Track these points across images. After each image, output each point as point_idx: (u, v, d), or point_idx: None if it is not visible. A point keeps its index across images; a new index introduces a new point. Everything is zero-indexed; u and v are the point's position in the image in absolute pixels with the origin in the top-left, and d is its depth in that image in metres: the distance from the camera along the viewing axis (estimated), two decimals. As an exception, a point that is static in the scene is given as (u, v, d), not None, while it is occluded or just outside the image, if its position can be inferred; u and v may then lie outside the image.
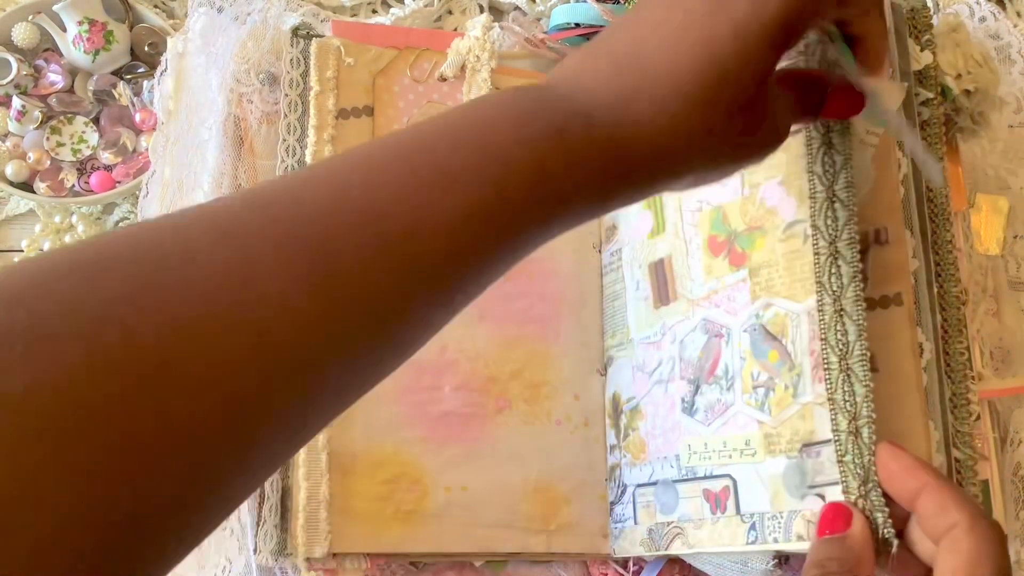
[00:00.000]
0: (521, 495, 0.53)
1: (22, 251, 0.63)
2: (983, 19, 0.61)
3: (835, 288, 0.40)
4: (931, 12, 0.49)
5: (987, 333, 0.54)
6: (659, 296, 0.52)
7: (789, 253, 0.44)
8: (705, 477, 0.46)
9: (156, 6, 0.68)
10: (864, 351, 0.38)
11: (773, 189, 0.45)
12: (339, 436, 0.50)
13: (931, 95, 0.48)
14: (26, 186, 0.64)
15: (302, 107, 0.55)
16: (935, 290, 0.46)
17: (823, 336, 0.40)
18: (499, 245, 0.29)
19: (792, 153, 0.44)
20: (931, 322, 0.44)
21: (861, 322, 0.39)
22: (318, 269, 0.25)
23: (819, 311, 0.40)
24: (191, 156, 0.57)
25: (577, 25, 0.61)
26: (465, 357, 0.54)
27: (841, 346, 0.39)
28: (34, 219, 0.64)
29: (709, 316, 0.48)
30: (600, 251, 0.59)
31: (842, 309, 0.39)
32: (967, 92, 0.51)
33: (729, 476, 0.45)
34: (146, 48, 0.67)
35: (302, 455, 0.49)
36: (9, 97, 0.64)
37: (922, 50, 0.48)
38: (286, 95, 0.55)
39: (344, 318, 0.26)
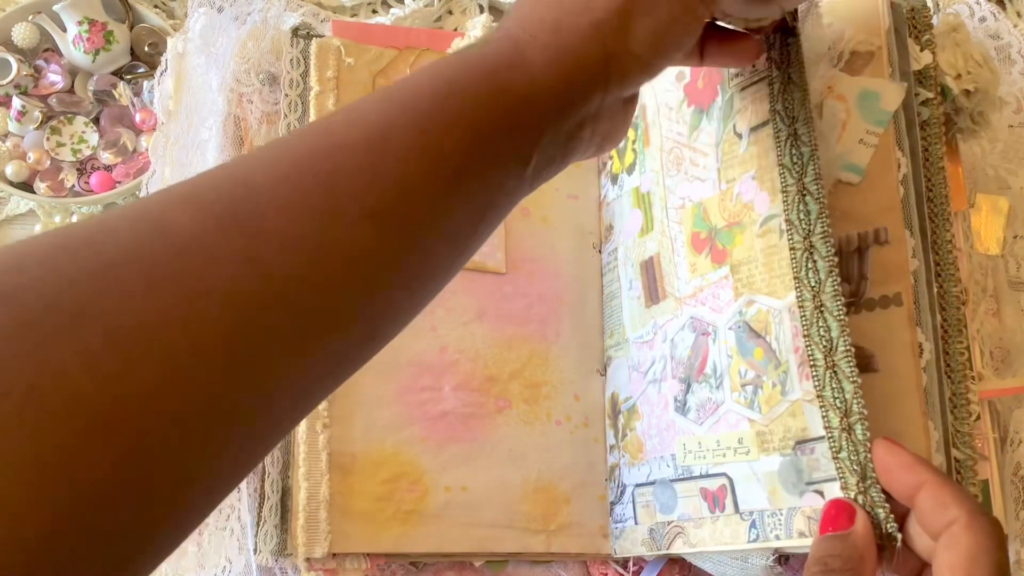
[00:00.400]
0: (521, 495, 0.53)
1: (22, 251, 0.63)
2: (983, 19, 0.61)
3: (813, 284, 0.39)
4: (931, 12, 0.49)
5: (987, 333, 0.54)
6: (650, 295, 0.52)
7: (767, 249, 0.43)
8: (701, 476, 0.46)
9: (156, 6, 0.68)
10: (848, 347, 0.38)
11: (747, 184, 0.45)
12: (339, 436, 0.50)
13: (931, 95, 0.48)
14: (26, 186, 0.64)
15: (302, 107, 0.55)
16: (935, 290, 0.46)
17: (806, 333, 0.39)
18: (453, 195, 0.30)
19: (763, 146, 0.44)
20: (931, 322, 0.44)
21: (842, 317, 0.38)
22: (228, 212, 0.25)
23: (800, 307, 0.40)
24: (191, 156, 0.57)
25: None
26: (465, 357, 0.54)
27: (825, 343, 0.38)
28: (34, 219, 0.64)
29: (696, 314, 0.48)
30: (600, 251, 0.59)
31: (822, 305, 0.39)
32: (967, 92, 0.51)
33: (725, 475, 0.45)
34: (146, 48, 0.67)
35: (302, 455, 0.49)
36: (9, 97, 0.65)
37: (922, 50, 0.48)
38: (286, 95, 0.55)
39: (263, 259, 0.25)
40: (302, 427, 0.50)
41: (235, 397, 0.24)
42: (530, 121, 0.31)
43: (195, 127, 0.58)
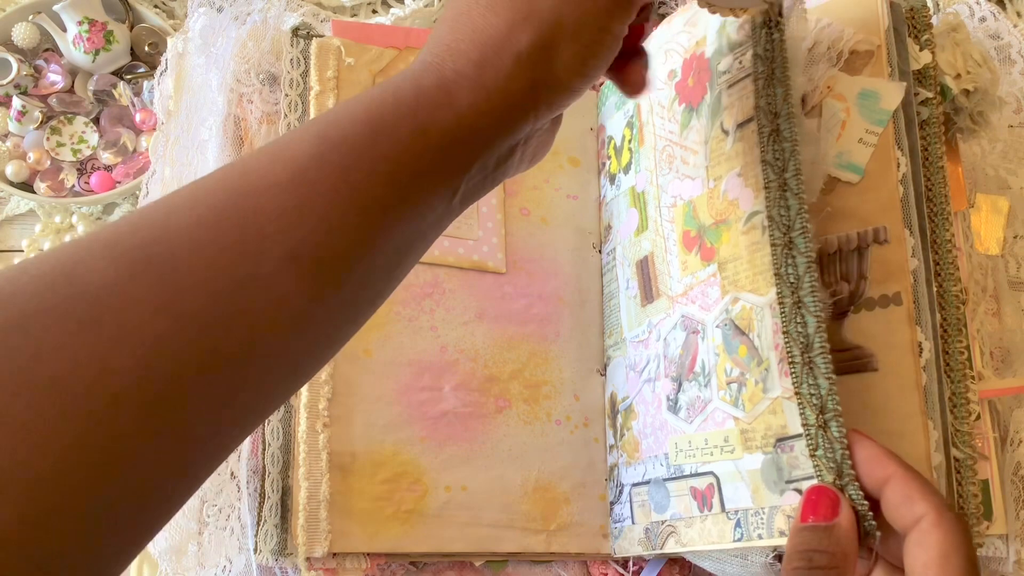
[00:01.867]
0: (521, 495, 0.53)
1: (22, 251, 0.63)
2: (983, 19, 0.61)
3: (792, 280, 0.39)
4: (931, 12, 0.49)
5: (987, 333, 0.54)
6: (645, 294, 0.52)
7: (751, 245, 0.43)
8: (691, 475, 0.46)
9: (156, 6, 0.68)
10: (824, 344, 0.38)
11: (733, 181, 0.45)
12: (339, 436, 0.50)
13: (930, 95, 0.48)
14: (26, 186, 0.64)
15: (302, 107, 0.55)
16: (934, 289, 0.46)
17: (785, 329, 0.39)
18: (375, 234, 0.29)
19: (748, 143, 0.43)
20: (930, 321, 0.44)
21: (819, 313, 0.38)
22: (142, 258, 0.25)
23: (780, 304, 0.40)
24: (191, 156, 0.57)
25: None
26: (465, 357, 0.54)
27: (802, 339, 0.38)
28: (34, 219, 0.64)
29: (687, 312, 0.48)
30: (600, 251, 0.59)
31: (799, 301, 0.39)
32: (966, 92, 0.51)
33: (712, 473, 0.44)
34: (146, 48, 0.67)
35: (302, 455, 0.49)
36: (9, 97, 0.65)
37: (921, 50, 0.48)
38: (286, 95, 0.55)
39: (176, 304, 0.25)
40: (302, 427, 0.50)
41: (155, 440, 0.24)
42: (457, 157, 0.31)
43: (195, 127, 0.58)
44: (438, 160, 0.31)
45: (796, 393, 0.38)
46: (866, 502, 0.35)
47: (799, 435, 0.38)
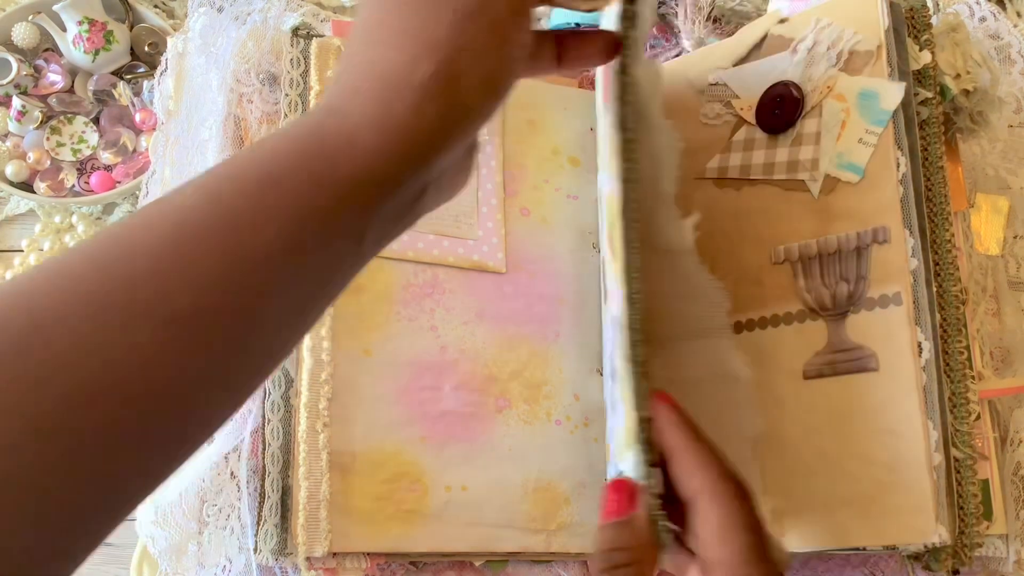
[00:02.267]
0: (521, 495, 0.53)
1: (22, 251, 0.63)
2: (983, 19, 0.61)
3: (632, 272, 0.40)
4: (931, 12, 0.49)
5: (987, 333, 0.54)
6: (603, 294, 0.52)
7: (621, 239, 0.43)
8: (619, 474, 0.46)
9: (156, 6, 0.68)
10: (638, 336, 0.38)
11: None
12: (339, 436, 0.50)
13: (930, 95, 0.48)
14: (26, 186, 0.64)
15: (302, 107, 0.55)
16: (934, 289, 0.46)
17: (628, 324, 0.40)
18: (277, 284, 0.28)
19: None
20: (930, 321, 0.44)
21: (638, 304, 0.39)
22: (17, 336, 0.24)
23: (624, 296, 0.40)
24: (191, 156, 0.57)
25: (577, 25, 0.61)
26: (465, 357, 0.54)
27: (633, 333, 0.39)
28: (34, 219, 0.64)
29: (612, 310, 0.48)
30: (600, 251, 0.59)
31: (632, 294, 0.39)
32: (966, 92, 0.52)
33: (623, 472, 0.44)
34: (146, 48, 0.67)
35: (302, 454, 0.49)
36: (9, 97, 0.65)
37: (921, 50, 0.48)
38: (286, 95, 0.55)
39: (51, 381, 0.24)
40: (302, 426, 0.50)
41: (28, 528, 0.24)
42: (359, 204, 0.30)
43: (195, 127, 0.58)
44: (337, 210, 0.29)
45: (634, 389, 0.39)
46: (658, 500, 0.34)
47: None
